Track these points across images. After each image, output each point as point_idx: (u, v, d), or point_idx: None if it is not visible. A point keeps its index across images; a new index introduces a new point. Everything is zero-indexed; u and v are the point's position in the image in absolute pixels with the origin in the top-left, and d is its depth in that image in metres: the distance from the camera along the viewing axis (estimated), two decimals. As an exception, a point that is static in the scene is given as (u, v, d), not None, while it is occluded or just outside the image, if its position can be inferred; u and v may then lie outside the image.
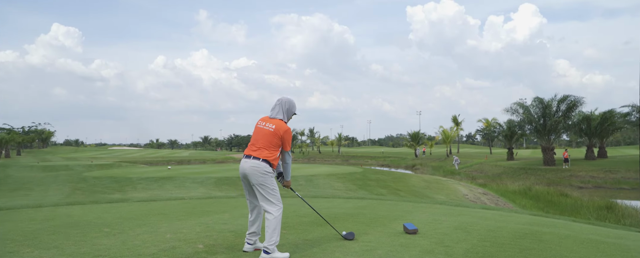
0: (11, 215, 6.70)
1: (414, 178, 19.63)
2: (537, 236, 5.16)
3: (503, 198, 17.97)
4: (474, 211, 7.30)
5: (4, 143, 69.73)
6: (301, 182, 15.32)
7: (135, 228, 5.49)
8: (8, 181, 17.05)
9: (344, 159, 72.49)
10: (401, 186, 16.23)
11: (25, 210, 7.19)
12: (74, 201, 8.48)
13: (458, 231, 5.38)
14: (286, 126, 4.32)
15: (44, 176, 19.17)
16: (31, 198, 10.35)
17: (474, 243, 4.74)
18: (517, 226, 5.84)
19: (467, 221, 6.12)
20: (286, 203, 7.63)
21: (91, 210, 7.08)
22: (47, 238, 4.93)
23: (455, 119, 64.02)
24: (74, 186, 14.10)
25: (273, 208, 4.18)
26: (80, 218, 6.36)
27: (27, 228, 5.57)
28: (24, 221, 6.07)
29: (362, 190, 14.32)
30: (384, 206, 7.66)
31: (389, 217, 6.47)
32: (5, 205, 7.77)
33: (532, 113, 39.35)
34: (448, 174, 38.11)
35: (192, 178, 15.83)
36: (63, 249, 4.41)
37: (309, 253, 4.31)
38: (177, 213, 6.77)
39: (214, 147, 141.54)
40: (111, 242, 4.76)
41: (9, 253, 4.24)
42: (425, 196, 14.40)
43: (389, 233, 5.22)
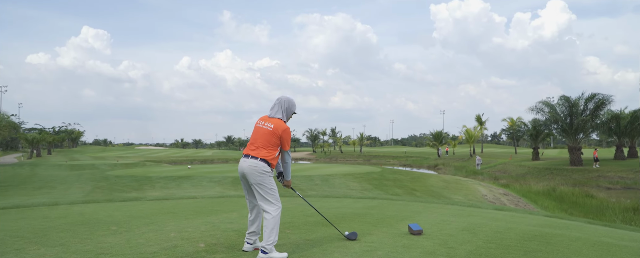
0: (27, 212, 6.88)
1: (433, 178, 19.38)
2: (546, 238, 5.01)
3: (524, 198, 17.56)
4: (486, 212, 7.15)
5: (36, 142, 71.93)
6: (317, 182, 15.31)
7: (141, 227, 5.57)
8: (34, 179, 17.60)
9: (365, 159, 72.21)
10: (418, 187, 16.04)
11: (41, 207, 7.38)
12: (90, 199, 8.67)
13: (464, 232, 5.27)
14: (285, 126, 4.30)
15: (68, 174, 19.71)
16: (52, 196, 10.64)
17: (478, 244, 4.63)
18: (528, 227, 5.68)
19: (476, 222, 5.99)
20: (294, 203, 7.65)
21: (104, 208, 7.23)
22: (56, 235, 5.04)
23: (479, 119, 62.99)
24: (95, 185, 14.44)
25: (271, 208, 4.16)
26: (91, 216, 6.49)
27: (39, 225, 5.72)
28: (37, 219, 6.23)
29: (377, 189, 14.21)
30: (394, 207, 7.57)
31: (397, 218, 6.39)
32: (24, 203, 8.00)
33: (558, 112, 38.33)
34: (470, 174, 37.50)
35: (209, 177, 16.00)
36: (68, 247, 4.50)
37: (309, 254, 4.28)
38: (186, 211, 6.84)
39: (237, 147, 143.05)
40: (116, 240, 4.83)
41: (16, 250, 4.35)
42: (442, 196, 14.19)
43: (393, 234, 5.15)
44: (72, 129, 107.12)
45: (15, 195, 11.94)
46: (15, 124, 51.19)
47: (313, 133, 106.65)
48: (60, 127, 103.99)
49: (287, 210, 7.04)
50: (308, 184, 14.65)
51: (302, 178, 15.89)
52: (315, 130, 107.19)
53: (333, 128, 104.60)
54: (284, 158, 4.42)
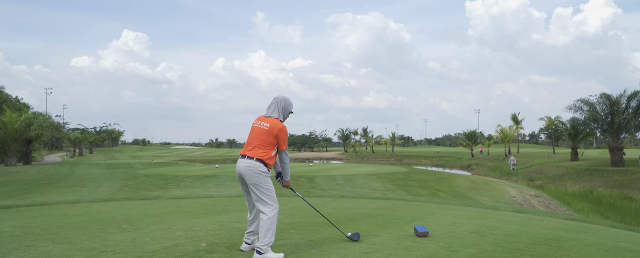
0: (49, 209, 7.14)
1: (460, 179, 18.94)
2: (558, 242, 4.78)
3: (557, 201, 16.90)
4: (502, 214, 6.92)
5: (78, 142, 74.94)
6: (340, 182, 15.24)
7: (151, 225, 5.67)
8: (69, 178, 18.31)
9: (397, 159, 71.45)
10: (443, 187, 15.70)
11: (63, 205, 7.65)
12: (112, 197, 8.92)
13: (473, 235, 5.10)
14: (281, 125, 4.26)
15: (101, 173, 20.40)
16: (78, 194, 11.05)
17: (484, 248, 4.47)
18: (542, 231, 5.45)
19: (488, 224, 5.79)
20: (306, 204, 7.62)
21: (121, 207, 7.42)
22: (68, 233, 5.20)
23: (514, 118, 61.18)
24: (123, 183, 14.88)
25: (267, 209, 4.14)
26: (107, 214, 6.67)
27: (55, 223, 5.92)
28: (56, 217, 6.45)
29: (400, 190, 14.00)
30: (408, 208, 7.42)
31: (407, 219, 6.26)
32: (49, 201, 8.32)
33: (598, 111, 36.71)
34: (504, 175, 36.46)
35: (233, 176, 16.19)
36: (75, 244, 4.63)
37: (307, 255, 4.24)
38: (198, 210, 6.93)
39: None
40: (123, 238, 4.94)
41: (26, 247, 4.50)
42: (467, 198, 13.83)
43: (398, 236, 5.05)
44: (113, 129, 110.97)
45: (47, 192, 12.45)
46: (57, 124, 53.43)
47: (344, 133, 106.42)
48: (101, 127, 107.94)
49: (296, 210, 7.03)
50: (330, 184, 14.61)
51: (325, 178, 15.87)
52: (347, 130, 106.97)
53: (365, 127, 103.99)
54: (281, 157, 4.38)
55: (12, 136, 35.61)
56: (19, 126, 35.76)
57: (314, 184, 14.54)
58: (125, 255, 4.20)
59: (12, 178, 18.92)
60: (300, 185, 14.17)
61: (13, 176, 20.16)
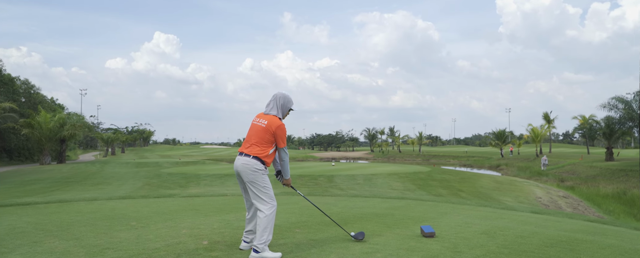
0: (65, 207, 7.31)
1: (484, 179, 18.47)
2: (572, 244, 4.55)
3: (587, 202, 16.26)
4: (518, 215, 6.67)
5: (110, 141, 77.11)
6: (359, 181, 15.10)
7: (159, 223, 5.71)
8: (97, 176, 18.80)
9: (424, 159, 70.54)
10: (466, 188, 15.34)
11: (80, 202, 7.82)
12: (128, 195, 9.07)
13: (482, 236, 4.92)
14: (279, 122, 4.20)
15: (127, 172, 20.86)
16: (102, 192, 11.30)
17: (490, 249, 4.30)
18: (557, 232, 5.21)
19: (501, 225, 5.59)
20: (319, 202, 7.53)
21: (135, 204, 7.52)
22: (76, 229, 5.29)
23: (546, 117, 59.45)
24: (146, 182, 15.17)
25: (265, 207, 4.09)
26: (120, 212, 6.76)
27: (67, 219, 6.03)
28: (70, 213, 6.58)
29: (420, 190, 13.75)
30: (421, 208, 7.26)
31: (417, 219, 6.11)
32: (67, 198, 8.53)
33: (634, 109, 35.20)
34: (534, 175, 35.43)
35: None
36: (81, 240, 4.70)
37: (306, 254, 4.17)
38: (209, 209, 6.96)
39: (296, 146, 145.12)
40: (128, 235, 4.98)
41: (33, 243, 4.59)
42: (490, 198, 13.46)
43: (404, 236, 4.92)
44: (144, 129, 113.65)
45: (71, 190, 12.80)
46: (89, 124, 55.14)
47: (371, 133, 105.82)
48: (132, 127, 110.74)
49: (305, 209, 6.96)
50: (349, 183, 14.49)
51: (345, 178, 15.75)
52: (373, 129, 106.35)
53: (391, 127, 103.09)
54: (280, 156, 4.32)
55: (46, 135, 36.86)
56: (53, 126, 36.98)
57: (333, 183, 14.45)
58: (126, 252, 4.22)
59: (43, 176, 19.58)
60: (319, 185, 14.12)
61: (44, 174, 20.86)
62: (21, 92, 49.10)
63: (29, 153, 46.78)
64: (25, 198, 9.49)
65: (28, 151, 46.61)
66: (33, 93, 51.94)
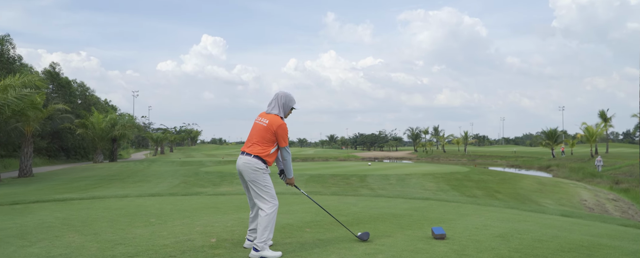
0: (97, 203, 7.64)
1: (527, 180, 17.71)
2: (591, 249, 4.28)
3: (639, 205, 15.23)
4: (545, 218, 6.34)
5: (159, 141, 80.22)
6: (392, 181, 14.88)
7: (177, 220, 5.86)
8: (140, 174, 19.60)
9: (470, 159, 68.66)
10: (504, 189, 14.76)
11: (111, 199, 8.16)
12: (159, 193, 9.37)
13: (497, 239, 4.72)
14: (280, 121, 4.20)
15: (169, 170, 21.60)
16: (140, 189, 11.73)
17: (500, 253, 4.12)
18: (581, 237, 4.91)
19: (521, 228, 5.34)
20: (340, 202, 7.49)
21: (161, 202, 7.76)
22: (97, 225, 5.52)
23: (603, 115, 56.36)
24: (183, 180, 15.65)
25: (266, 206, 4.11)
26: (144, 208, 6.99)
27: (93, 215, 6.31)
28: (98, 209, 6.88)
29: (454, 190, 13.36)
30: (442, 209, 7.05)
31: (435, 220, 5.94)
32: (102, 194, 8.92)
33: (699, 106, 32.68)
34: (587, 177, 33.64)
35: (287, 174, 16.38)
36: (99, 235, 4.89)
37: (307, 254, 4.16)
38: (228, 207, 7.07)
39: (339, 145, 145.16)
40: (143, 231, 5.14)
41: (54, 237, 4.83)
42: (529, 200, 12.89)
43: (414, 237, 4.80)
44: (191, 129, 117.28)
45: (112, 187, 13.40)
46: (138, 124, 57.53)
47: (414, 132, 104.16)
48: (181, 127, 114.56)
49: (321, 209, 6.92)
50: (381, 183, 14.31)
51: (378, 177, 15.58)
52: (417, 129, 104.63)
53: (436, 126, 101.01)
54: (282, 155, 4.32)
55: (99, 135, 38.84)
56: (105, 126, 38.92)
57: (365, 183, 14.33)
58: (136, 247, 4.36)
59: (91, 173, 20.62)
60: (350, 184, 14.04)
61: (94, 172, 21.96)
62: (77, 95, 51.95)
63: (84, 152, 49.39)
64: (65, 194, 10.02)
65: (83, 150, 49.22)
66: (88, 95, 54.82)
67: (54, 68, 46.16)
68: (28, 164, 21.92)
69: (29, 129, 22.51)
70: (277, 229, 5.27)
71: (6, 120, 19.18)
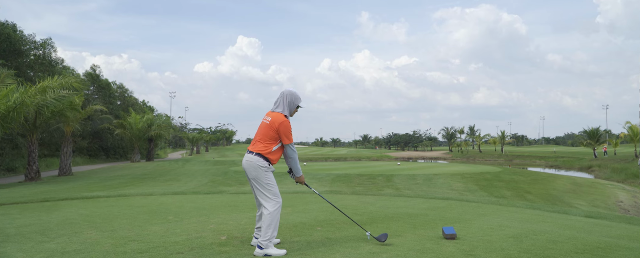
0: (122, 200, 7.90)
1: (561, 181, 17.08)
2: (606, 251, 4.10)
3: (683, 207, 14.38)
4: (567, 218, 6.10)
5: (195, 141, 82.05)
6: (418, 181, 14.66)
7: (193, 218, 5.99)
8: (172, 173, 20.11)
9: (507, 159, 66.78)
10: (535, 189, 14.27)
11: (136, 197, 8.41)
12: (183, 191, 9.59)
13: (509, 239, 4.59)
14: (283, 118, 4.20)
15: (201, 169, 22.05)
16: (169, 187, 12.05)
17: (509, 253, 4.01)
18: (600, 238, 4.71)
19: (537, 229, 5.17)
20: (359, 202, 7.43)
21: (182, 200, 7.94)
22: (117, 222, 5.70)
23: (648, 113, 53.51)
24: (211, 179, 15.95)
25: (268, 204, 4.13)
26: (165, 206, 7.17)
27: (115, 212, 6.52)
28: (121, 207, 7.10)
29: (482, 191, 13.03)
30: (461, 208, 6.90)
31: (450, 220, 5.83)
32: (128, 192, 9.21)
33: None
34: (629, 178, 32.10)
35: (313, 174, 16.44)
36: (115, 232, 5.06)
37: (312, 252, 4.16)
38: (245, 206, 7.15)
39: (372, 145, 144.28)
40: (159, 228, 5.28)
41: (73, 233, 5.02)
42: (560, 201, 12.43)
43: (424, 237, 4.73)
44: (226, 129, 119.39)
45: (142, 185, 13.80)
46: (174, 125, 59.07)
47: (449, 131, 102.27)
48: (216, 127, 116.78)
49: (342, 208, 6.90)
50: (407, 183, 14.12)
51: (405, 177, 15.39)
52: (452, 128, 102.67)
53: (471, 125, 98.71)
54: (286, 153, 4.33)
55: (136, 135, 40.13)
56: (141, 127, 40.18)
57: (391, 183, 14.18)
58: (147, 243, 4.48)
59: (126, 172, 21.31)
60: (376, 184, 13.94)
61: (129, 171, 22.69)
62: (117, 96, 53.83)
63: (123, 151, 51.10)
64: (96, 191, 10.41)
65: (122, 150, 50.92)
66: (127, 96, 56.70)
67: (95, 70, 48.00)
68: (67, 163, 22.88)
69: (69, 130, 23.48)
70: (288, 227, 5.30)
71: (46, 121, 20.06)
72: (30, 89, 16.19)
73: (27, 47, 29.06)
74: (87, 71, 47.72)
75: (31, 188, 13.40)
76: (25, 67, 28.69)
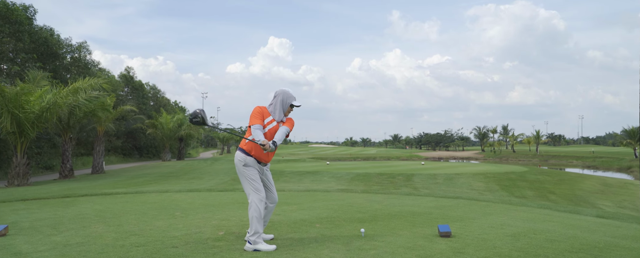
0: (137, 197, 8.16)
1: (589, 181, 16.47)
2: (603, 251, 3.99)
3: None
4: (577, 218, 5.91)
5: (225, 140, 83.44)
6: (439, 180, 14.46)
7: (198, 214, 6.14)
8: (197, 171, 20.55)
9: (542, 159, 64.93)
10: (561, 190, 13.82)
11: (151, 193, 8.66)
12: (198, 188, 9.81)
13: (506, 238, 4.52)
14: (254, 108, 4.33)
15: (224, 168, 22.41)
16: (189, 185, 12.33)
17: (500, 252, 3.96)
18: (602, 238, 4.56)
19: (540, 228, 5.06)
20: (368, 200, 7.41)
21: (195, 196, 8.13)
22: (125, 217, 5.91)
23: (693, 111, 50.84)
24: (233, 177, 16.21)
25: (249, 198, 4.21)
26: (176, 203, 7.36)
27: (128, 208, 6.75)
28: (135, 203, 7.34)
29: (504, 190, 12.73)
30: (468, 207, 6.79)
31: (453, 218, 5.77)
32: (145, 190, 9.50)
33: None
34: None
35: (333, 173, 16.45)
36: (121, 226, 5.25)
37: (301, 248, 4.20)
38: (253, 203, 7.25)
39: (403, 145, 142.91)
40: (162, 223, 5.45)
41: (82, 227, 5.24)
42: (584, 201, 12.00)
43: (418, 235, 4.71)
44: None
45: (165, 183, 14.18)
46: (205, 125, 60.15)
47: (481, 131, 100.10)
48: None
49: (349, 206, 6.92)
50: (427, 182, 13.95)
51: (425, 177, 15.20)
52: (484, 128, 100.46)
53: (505, 125, 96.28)
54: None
55: (167, 135, 41.20)
56: (172, 126, 41.22)
57: (410, 182, 14.05)
58: (147, 238, 4.63)
59: (155, 170, 21.92)
60: (394, 183, 13.83)
61: (158, 169, 23.33)
62: (150, 97, 55.38)
63: (155, 151, 52.54)
64: (117, 188, 10.78)
65: (154, 149, 52.37)
66: (159, 97, 58.25)
67: (129, 72, 49.55)
68: (99, 161, 23.74)
69: (101, 129, 24.36)
70: (288, 224, 5.36)
71: (79, 121, 20.87)
72: (62, 90, 16.91)
73: (63, 51, 30.29)
74: (121, 73, 49.32)
75: (60, 185, 13.98)
76: (62, 70, 29.92)
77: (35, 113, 16.17)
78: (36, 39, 26.51)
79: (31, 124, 16.07)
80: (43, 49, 27.33)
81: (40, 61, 26.34)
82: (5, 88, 15.18)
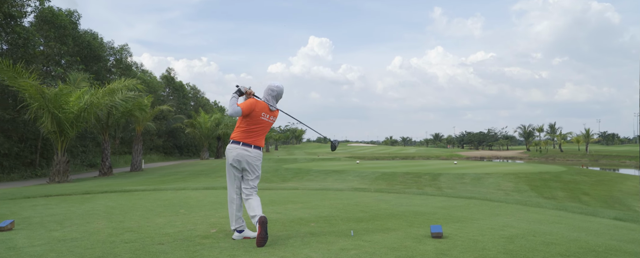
0: (153, 194, 8.36)
1: (630, 182, 15.44)
2: (601, 254, 3.74)
3: None
4: (590, 220, 5.55)
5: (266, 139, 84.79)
6: (466, 180, 14.00)
7: (201, 212, 6.22)
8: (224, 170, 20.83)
9: (592, 159, 61.93)
10: (596, 191, 13.04)
11: (167, 191, 8.87)
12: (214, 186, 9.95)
13: (501, 240, 4.31)
14: None
15: (256, 167, 22.66)
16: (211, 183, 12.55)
17: (487, 254, 3.79)
18: (605, 241, 4.26)
19: (543, 230, 4.80)
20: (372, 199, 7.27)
21: (207, 194, 8.25)
22: (130, 214, 6.07)
23: None
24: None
25: None
26: (186, 200, 7.50)
27: (138, 205, 6.93)
28: (147, 200, 7.53)
29: (533, 191, 12.17)
30: (478, 208, 6.53)
31: (456, 218, 5.58)
32: (164, 187, 9.73)
33: None
34: None
35: (359, 172, 16.28)
36: (122, 223, 5.39)
37: (282, 245, 4.17)
38: (264, 201, 7.27)
39: (444, 144, 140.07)
40: (162, 220, 5.55)
41: (85, 223, 5.42)
42: (620, 203, 11.27)
43: (410, 235, 4.58)
44: (295, 128, 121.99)
45: (191, 181, 14.50)
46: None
47: (526, 130, 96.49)
48: (286, 126, 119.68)
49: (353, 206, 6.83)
50: (453, 182, 13.55)
51: (452, 176, 14.77)
52: (530, 126, 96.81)
53: (552, 123, 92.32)
54: None
55: (205, 134, 42.28)
56: (210, 126, 42.25)
57: (435, 182, 13.70)
58: (140, 234, 4.73)
59: (189, 169, 22.49)
60: (419, 182, 13.53)
61: (193, 167, 23.93)
62: (190, 97, 56.97)
63: (195, 149, 54.03)
64: (139, 186, 11.12)
65: (194, 148, 53.88)
66: (199, 97, 59.83)
67: (169, 73, 51.18)
68: (138, 159, 24.61)
69: (139, 129, 25.24)
70: (283, 223, 5.34)
71: (117, 120, 21.72)
72: (99, 91, 17.64)
73: (106, 53, 31.68)
74: (163, 74, 51.01)
75: (94, 182, 14.57)
76: (104, 72, 31.27)
77: (74, 113, 16.95)
78: (80, 42, 27.83)
79: (70, 124, 16.85)
80: (86, 52, 28.65)
81: (84, 63, 27.61)
82: (45, 89, 15.99)
